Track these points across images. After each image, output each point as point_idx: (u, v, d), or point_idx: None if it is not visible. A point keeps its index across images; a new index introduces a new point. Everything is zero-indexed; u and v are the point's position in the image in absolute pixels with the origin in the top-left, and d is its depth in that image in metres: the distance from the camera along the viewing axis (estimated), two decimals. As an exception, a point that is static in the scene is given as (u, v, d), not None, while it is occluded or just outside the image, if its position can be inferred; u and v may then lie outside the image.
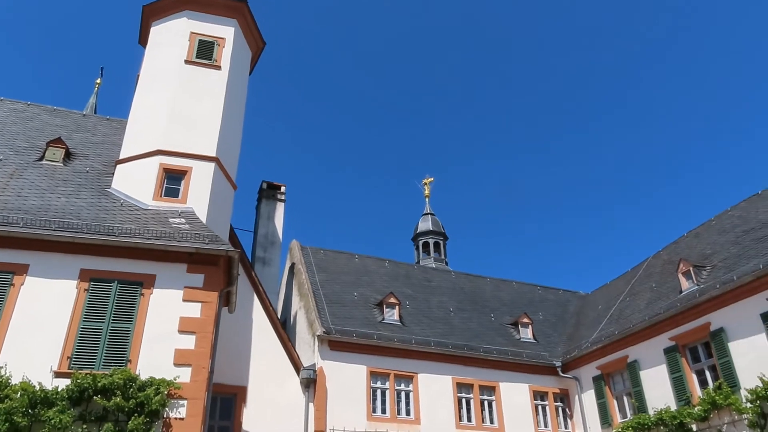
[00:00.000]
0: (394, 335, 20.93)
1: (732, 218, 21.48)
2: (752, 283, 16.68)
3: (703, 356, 18.13)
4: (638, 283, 23.76)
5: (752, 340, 16.47)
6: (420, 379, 20.49)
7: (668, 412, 18.04)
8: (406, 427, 19.52)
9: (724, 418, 16.71)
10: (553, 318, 26.83)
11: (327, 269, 24.20)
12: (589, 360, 21.92)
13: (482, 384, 21.47)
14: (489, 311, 25.67)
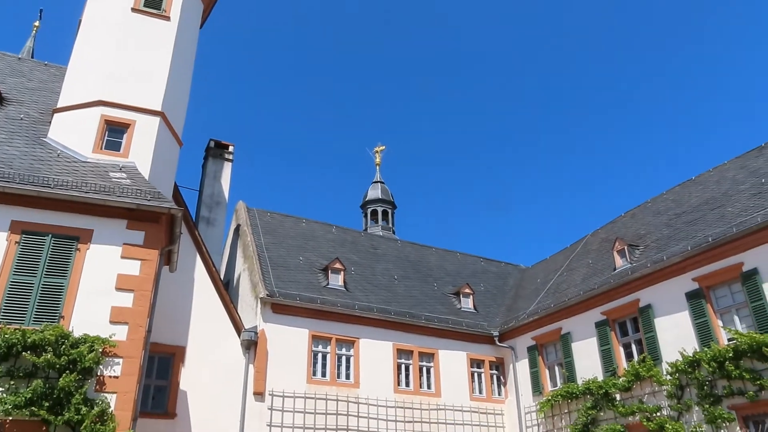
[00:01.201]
0: (338, 300, 21.08)
1: (666, 201, 22.38)
2: (680, 263, 17.52)
3: (630, 330, 19.03)
4: (576, 259, 24.58)
5: (676, 317, 17.38)
6: (361, 344, 20.78)
7: (595, 382, 18.95)
8: (345, 390, 19.84)
9: (646, 389, 17.67)
10: (493, 289, 27.53)
11: (273, 232, 24.03)
12: (525, 331, 22.68)
13: (422, 351, 21.96)
14: (432, 280, 26.11)
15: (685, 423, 16.33)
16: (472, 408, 21.98)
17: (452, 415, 21.42)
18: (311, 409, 18.94)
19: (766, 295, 15.35)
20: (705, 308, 16.72)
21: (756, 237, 15.84)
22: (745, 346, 15.01)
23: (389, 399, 20.45)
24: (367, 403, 19.99)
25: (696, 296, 17.00)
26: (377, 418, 19.96)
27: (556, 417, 20.45)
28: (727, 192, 19.17)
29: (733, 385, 15.37)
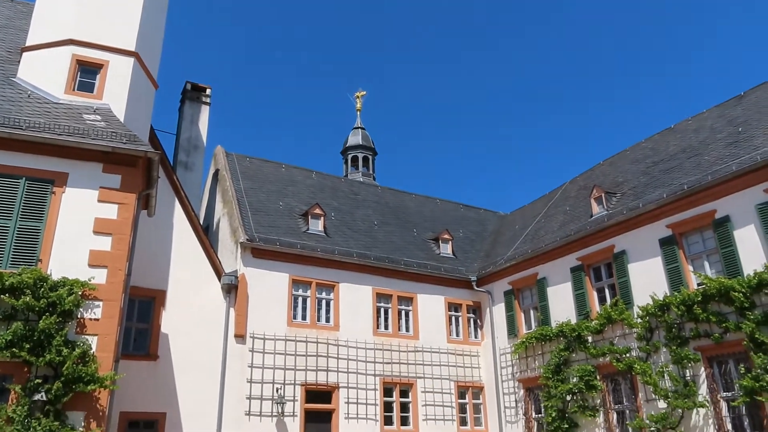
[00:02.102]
0: (318, 245, 21.21)
1: (645, 149, 22.56)
2: (655, 210, 17.84)
3: (604, 275, 19.50)
4: (554, 205, 24.87)
5: (649, 263, 17.82)
6: (341, 288, 21.06)
7: (569, 325, 19.53)
8: (325, 333, 20.21)
9: (617, 332, 18.27)
10: (472, 235, 27.86)
11: (252, 177, 23.88)
12: (502, 276, 23.13)
13: (401, 295, 22.34)
14: (412, 226, 26.32)
15: (652, 363, 16.99)
16: (449, 350, 22.59)
17: (429, 356, 22.02)
18: (292, 351, 19.33)
19: (736, 242, 15.76)
20: (677, 254, 17.15)
21: (729, 185, 16.13)
22: (714, 290, 15.51)
23: (368, 341, 20.91)
24: (346, 345, 20.43)
25: (669, 242, 17.40)
26: (356, 359, 20.45)
27: (530, 358, 21.13)
28: (705, 140, 19.37)
29: (699, 328, 15.95)
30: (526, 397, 21.19)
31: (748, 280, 14.94)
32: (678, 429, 15.93)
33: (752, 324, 14.59)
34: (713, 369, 15.83)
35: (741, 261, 15.55)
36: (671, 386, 16.29)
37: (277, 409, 18.39)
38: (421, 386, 21.43)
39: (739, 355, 15.17)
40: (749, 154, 16.21)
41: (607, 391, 18.40)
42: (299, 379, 19.18)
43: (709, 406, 15.53)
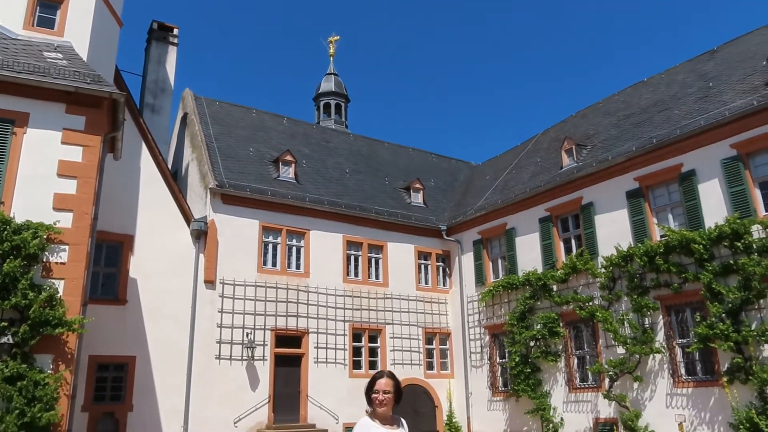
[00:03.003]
0: (289, 192, 21.09)
1: (617, 102, 22.69)
2: (623, 163, 18.10)
3: (572, 226, 19.88)
4: (525, 157, 25.03)
5: (615, 215, 18.19)
6: (311, 236, 21.09)
7: (535, 274, 19.97)
8: (295, 279, 20.33)
9: (581, 281, 18.77)
10: (443, 185, 27.99)
11: (222, 122, 23.41)
12: (472, 225, 23.40)
13: (371, 243, 22.49)
14: (383, 175, 26.29)
15: (613, 312, 17.57)
16: (417, 297, 22.99)
17: (398, 303, 22.39)
18: (262, 297, 19.44)
19: (699, 196, 16.15)
20: (643, 206, 17.52)
21: (697, 140, 16.41)
22: (675, 242, 15.97)
23: (338, 288, 21.13)
24: (316, 291, 20.62)
25: (635, 195, 17.75)
26: (326, 305, 20.70)
27: (496, 306, 21.65)
28: (676, 95, 19.54)
29: (660, 278, 16.47)
30: (491, 343, 21.81)
31: (709, 232, 15.40)
32: (634, 373, 16.65)
33: (710, 275, 15.13)
34: (671, 317, 16.46)
35: (703, 214, 15.98)
36: (630, 333, 16.92)
37: (248, 353, 18.62)
38: (389, 332, 21.86)
39: (696, 304, 15.78)
40: (718, 110, 16.44)
41: (569, 338, 19.04)
42: (269, 324, 19.37)
43: (665, 352, 16.21)
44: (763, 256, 14.35)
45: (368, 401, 3.46)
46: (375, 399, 3.43)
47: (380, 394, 3.44)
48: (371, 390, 3.47)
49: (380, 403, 3.43)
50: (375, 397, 3.43)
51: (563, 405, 18.69)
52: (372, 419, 3.42)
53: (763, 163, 15.29)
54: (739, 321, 14.62)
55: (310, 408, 19.37)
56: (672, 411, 15.83)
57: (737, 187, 15.42)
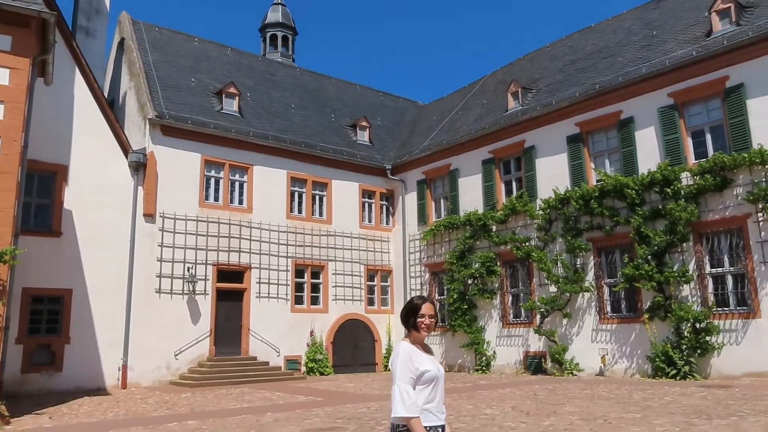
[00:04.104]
0: (232, 126, 20.59)
1: (564, 47, 22.87)
2: (566, 108, 18.46)
3: (513, 169, 20.31)
4: (472, 98, 25.12)
5: (555, 159, 18.67)
6: (255, 171, 20.80)
7: (476, 214, 20.46)
8: (237, 215, 20.14)
9: (519, 222, 19.37)
10: (390, 124, 27.89)
11: (162, 49, 22.36)
12: (417, 165, 23.57)
13: (315, 180, 22.39)
14: (330, 111, 25.93)
15: (548, 252, 18.30)
16: (360, 235, 23.23)
17: (342, 240, 22.59)
18: (203, 231, 19.22)
19: (636, 142, 16.74)
20: (582, 151, 18.04)
21: (637, 87, 16.85)
22: (610, 187, 16.61)
23: (281, 224, 21.09)
24: (259, 227, 20.53)
25: (575, 140, 18.22)
26: (269, 241, 20.67)
27: (437, 245, 22.16)
28: (621, 42, 19.83)
29: (594, 221, 17.18)
30: (431, 281, 22.43)
31: (642, 178, 16.07)
32: (564, 310, 17.54)
33: (640, 219, 15.89)
34: (601, 258, 17.29)
35: (638, 161, 16.62)
36: (563, 273, 17.71)
37: (189, 287, 18.53)
38: (332, 268, 22.12)
39: (625, 246, 16.60)
40: (659, 58, 16.85)
41: (505, 276, 19.78)
42: (211, 259, 19.25)
43: (594, 290, 17.11)
44: (689, 202, 15.13)
45: (413, 326, 3.39)
46: (421, 323, 3.38)
47: (426, 318, 3.40)
48: (416, 314, 3.40)
49: (427, 327, 3.41)
50: (421, 322, 3.38)
51: (496, 339, 19.59)
52: (414, 344, 3.37)
53: (697, 113, 15.90)
54: (662, 263, 15.52)
55: (251, 341, 19.61)
56: (596, 345, 16.86)
57: (671, 135, 16.03)
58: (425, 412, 3.22)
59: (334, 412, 10.97)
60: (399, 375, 3.22)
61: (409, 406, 3.13)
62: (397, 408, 3.14)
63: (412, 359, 3.26)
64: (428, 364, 3.30)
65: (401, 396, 3.15)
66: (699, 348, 14.54)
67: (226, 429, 9.24)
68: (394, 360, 3.31)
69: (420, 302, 3.42)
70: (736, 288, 14.63)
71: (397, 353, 3.32)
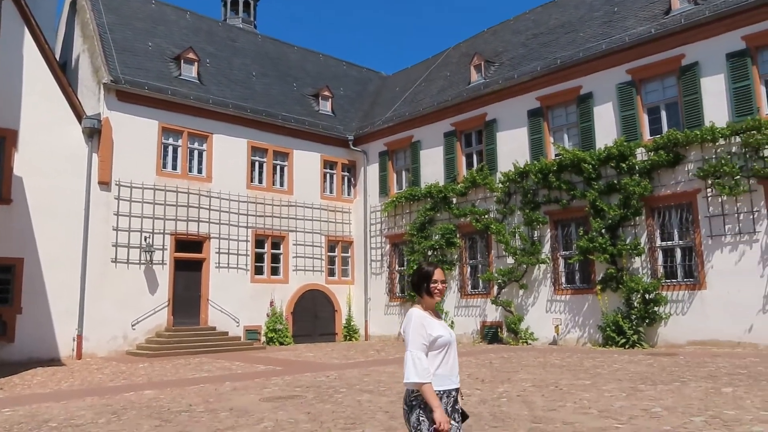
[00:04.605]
0: (191, 93, 20.11)
1: (527, 21, 22.94)
2: (528, 82, 18.61)
3: (474, 142, 20.45)
4: (436, 70, 25.06)
5: (516, 132, 18.87)
6: (215, 140, 20.43)
7: (436, 186, 20.60)
8: (197, 183, 19.81)
9: (479, 195, 19.59)
10: (352, 94, 27.65)
11: (117, 11, 21.55)
12: (379, 137, 23.51)
13: (277, 149, 22.13)
14: (292, 80, 25.55)
15: (507, 225, 18.60)
16: (321, 206, 23.15)
17: (303, 211, 22.49)
18: (161, 200, 18.86)
19: (594, 118, 17.03)
20: (541, 126, 18.26)
21: (597, 63, 17.08)
22: (568, 161, 16.91)
23: (241, 194, 20.84)
24: (219, 197, 20.25)
25: (536, 114, 18.42)
26: (229, 211, 20.43)
27: (398, 216, 22.27)
28: (583, 17, 19.99)
29: (551, 195, 17.51)
30: (391, 252, 22.59)
31: (599, 153, 16.40)
32: (521, 282, 17.94)
33: (595, 193, 16.26)
34: (557, 231, 17.67)
35: (596, 136, 16.93)
36: (520, 245, 18.06)
37: (146, 257, 18.24)
38: (292, 239, 22.04)
39: (581, 219, 16.99)
40: (619, 35, 17.07)
41: (465, 248, 20.06)
42: (169, 228, 18.95)
43: (549, 262, 17.51)
44: (643, 177, 15.55)
45: (426, 292, 3.39)
46: (434, 289, 3.39)
47: (439, 284, 3.41)
48: (429, 280, 3.39)
49: (440, 293, 3.42)
50: (434, 287, 3.39)
51: (455, 309, 19.94)
52: (425, 311, 3.37)
53: (653, 90, 16.24)
54: (616, 236, 15.97)
55: (210, 312, 19.49)
56: (550, 315, 17.34)
57: (628, 111, 16.36)
58: (439, 377, 3.24)
59: (294, 380, 11.06)
60: (411, 341, 3.23)
61: (421, 372, 3.14)
62: (410, 374, 3.15)
63: (424, 325, 3.26)
64: (440, 329, 3.31)
65: (413, 362, 3.16)
66: (647, 318, 15.09)
67: (184, 398, 9.23)
68: (406, 327, 3.32)
69: (432, 268, 3.42)
70: (684, 261, 15.18)
71: (409, 320, 3.32)
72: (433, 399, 3.10)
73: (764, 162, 13.78)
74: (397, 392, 9.17)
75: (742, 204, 14.09)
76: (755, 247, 13.83)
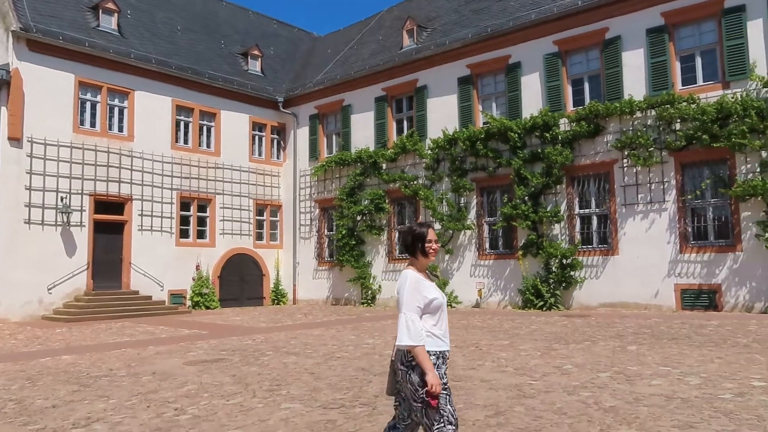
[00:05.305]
0: (111, 46, 19.07)
1: (462, -14, 22.92)
2: (459, 49, 18.75)
3: (405, 108, 20.53)
4: (368, 33, 24.79)
5: (446, 99, 19.05)
6: (137, 97, 19.54)
7: (367, 151, 20.61)
8: (117, 142, 18.97)
9: (409, 161, 19.77)
10: (283, 54, 27.01)
11: (26, -47, 19.98)
12: (309, 99, 23.16)
13: (203, 109, 21.43)
14: (220, 37, 24.65)
15: (435, 191, 18.91)
16: (250, 168, 22.72)
17: (230, 173, 22.01)
18: (79, 159, 17.97)
19: (521, 87, 17.42)
20: (471, 93, 18.51)
21: (526, 33, 17.39)
22: (495, 129, 17.29)
23: (166, 154, 20.14)
24: (141, 156, 19.48)
25: (466, 82, 18.63)
26: (152, 172, 19.73)
27: (328, 181, 22.19)
28: (513, -14, 20.18)
29: (478, 162, 17.89)
30: (320, 216, 22.55)
31: (524, 122, 16.85)
32: (447, 247, 18.37)
33: (520, 161, 16.75)
34: (483, 198, 18.14)
35: (522, 105, 17.35)
36: (447, 211, 18.44)
37: (63, 218, 17.42)
38: (219, 202, 21.59)
39: (505, 187, 17.50)
40: (548, 5, 17.39)
41: (393, 213, 20.29)
42: (87, 188, 18.12)
43: (474, 228, 18.00)
44: (565, 147, 16.13)
45: (421, 252, 3.33)
46: (429, 248, 3.34)
47: (433, 243, 3.37)
48: (424, 240, 3.33)
49: (434, 252, 3.38)
50: (429, 247, 3.33)
51: (382, 274, 20.23)
52: (418, 272, 3.32)
53: (578, 62, 16.75)
54: (538, 203, 16.58)
55: (133, 275, 18.92)
56: (474, 279, 17.90)
57: (554, 82, 16.82)
58: (433, 337, 3.21)
59: (219, 344, 10.98)
60: (406, 303, 3.19)
61: (414, 334, 3.11)
62: (402, 336, 3.12)
63: (419, 288, 3.23)
64: (435, 292, 3.29)
65: (407, 324, 3.13)
66: (564, 282, 15.87)
67: (104, 363, 9.01)
68: (400, 289, 3.27)
69: (425, 229, 3.38)
70: (599, 228, 15.98)
71: (404, 282, 3.27)
72: (426, 362, 3.10)
73: (676, 135, 14.58)
74: (323, 354, 9.30)
75: (654, 174, 14.91)
76: (664, 216, 14.72)
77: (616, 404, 5.55)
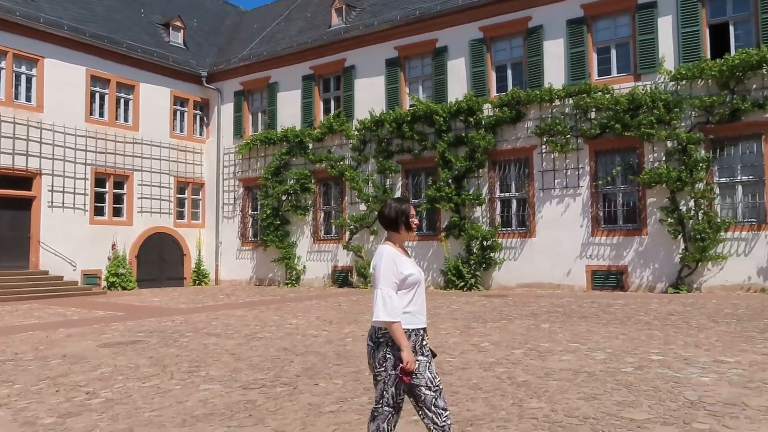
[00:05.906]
0: (17, 8, 17.82)
1: (389, -33, 22.84)
2: (387, 30, 18.76)
3: (333, 87, 20.38)
4: (297, 10, 24.35)
5: (373, 80, 19.06)
6: (47, 64, 18.40)
7: (293, 130, 20.36)
8: (24, 113, 17.84)
9: (335, 141, 19.69)
10: (207, 27, 26.12)
11: None
12: (234, 75, 22.56)
13: (120, 81, 20.46)
14: (139, 6, 23.52)
15: (361, 172, 18.95)
16: (171, 145, 21.95)
17: (149, 149, 21.17)
18: (-19, 129, 16.79)
19: (448, 71, 17.65)
20: (398, 76, 18.59)
21: (453, 17, 17.60)
22: (421, 112, 17.48)
23: (79, 128, 19.13)
24: (52, 129, 18.42)
25: (393, 64, 18.69)
26: (64, 146, 18.70)
27: (253, 159, 21.78)
28: (441, -30, 20.32)
29: (404, 144, 18.06)
30: (244, 196, 22.14)
31: (450, 106, 17.12)
32: (371, 228, 18.50)
33: (445, 144, 17.04)
34: (408, 180, 18.36)
35: (448, 90, 17.60)
36: (373, 192, 18.54)
37: (-38, 192, 16.28)
38: (138, 179, 20.76)
39: (430, 169, 17.77)
40: (474, -9, 17.63)
41: (319, 194, 20.20)
42: (-9, 161, 17.00)
43: (400, 210, 18.16)
44: (488, 132, 16.53)
45: (405, 226, 3.26)
46: (413, 223, 3.28)
47: (415, 218, 3.30)
48: (408, 215, 3.26)
49: (416, 227, 3.31)
50: (412, 221, 3.27)
51: (307, 254, 20.15)
52: (396, 248, 3.23)
53: (502, 48, 17.15)
54: (461, 186, 16.95)
55: (42, 254, 17.96)
56: (399, 260, 18.10)
57: (478, 67, 17.15)
58: (409, 315, 3.16)
59: (136, 326, 10.65)
60: (382, 279, 3.11)
61: (391, 310, 3.05)
62: (379, 312, 3.05)
63: (396, 263, 3.16)
64: (411, 267, 3.22)
65: (383, 300, 3.06)
66: (484, 263, 16.36)
67: (9, 347, 8.55)
68: (377, 264, 3.19)
69: (406, 205, 3.33)
70: (518, 211, 16.54)
71: (380, 257, 3.19)
72: (402, 338, 3.06)
73: (591, 123, 15.24)
74: (245, 335, 9.21)
75: (570, 161, 15.56)
76: (578, 200, 15.42)
77: (528, 379, 5.82)
